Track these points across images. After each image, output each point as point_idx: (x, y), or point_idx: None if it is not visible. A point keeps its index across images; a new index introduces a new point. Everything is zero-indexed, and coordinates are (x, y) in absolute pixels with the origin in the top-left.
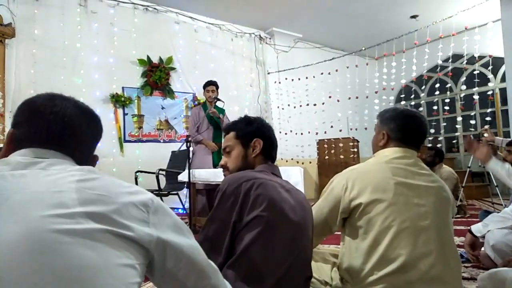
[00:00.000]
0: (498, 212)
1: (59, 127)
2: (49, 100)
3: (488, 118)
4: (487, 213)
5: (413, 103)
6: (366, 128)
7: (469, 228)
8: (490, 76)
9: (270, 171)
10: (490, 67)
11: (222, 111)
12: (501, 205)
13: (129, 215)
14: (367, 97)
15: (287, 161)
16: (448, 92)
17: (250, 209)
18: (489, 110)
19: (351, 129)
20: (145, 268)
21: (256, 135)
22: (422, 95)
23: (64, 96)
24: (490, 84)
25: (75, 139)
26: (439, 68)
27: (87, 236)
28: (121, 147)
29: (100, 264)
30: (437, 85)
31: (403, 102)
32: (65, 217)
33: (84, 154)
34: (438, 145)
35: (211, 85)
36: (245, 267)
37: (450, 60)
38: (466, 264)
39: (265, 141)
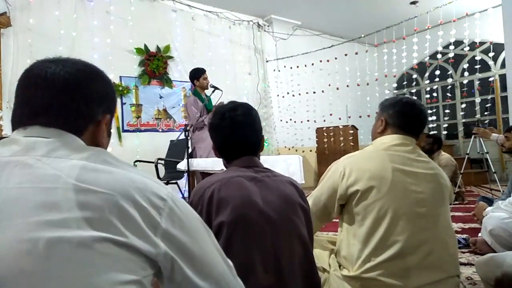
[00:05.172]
0: (496, 199)
1: (53, 93)
2: (42, 63)
3: (482, 113)
4: (485, 199)
5: (414, 90)
6: (369, 116)
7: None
8: (491, 62)
9: (241, 165)
10: (492, 54)
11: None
12: (499, 191)
13: (135, 220)
14: (367, 84)
15: (289, 149)
16: (448, 79)
17: (215, 216)
18: (489, 97)
19: (349, 117)
20: (153, 277)
21: (211, 136)
22: (422, 82)
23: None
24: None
25: (75, 104)
26: (439, 54)
27: (83, 247)
28: (120, 137)
29: (99, 284)
30: (437, 72)
31: (405, 90)
32: (57, 223)
33: (86, 120)
34: (433, 132)
35: (205, 72)
36: None
37: (451, 46)
38: (463, 250)
39: (218, 141)
